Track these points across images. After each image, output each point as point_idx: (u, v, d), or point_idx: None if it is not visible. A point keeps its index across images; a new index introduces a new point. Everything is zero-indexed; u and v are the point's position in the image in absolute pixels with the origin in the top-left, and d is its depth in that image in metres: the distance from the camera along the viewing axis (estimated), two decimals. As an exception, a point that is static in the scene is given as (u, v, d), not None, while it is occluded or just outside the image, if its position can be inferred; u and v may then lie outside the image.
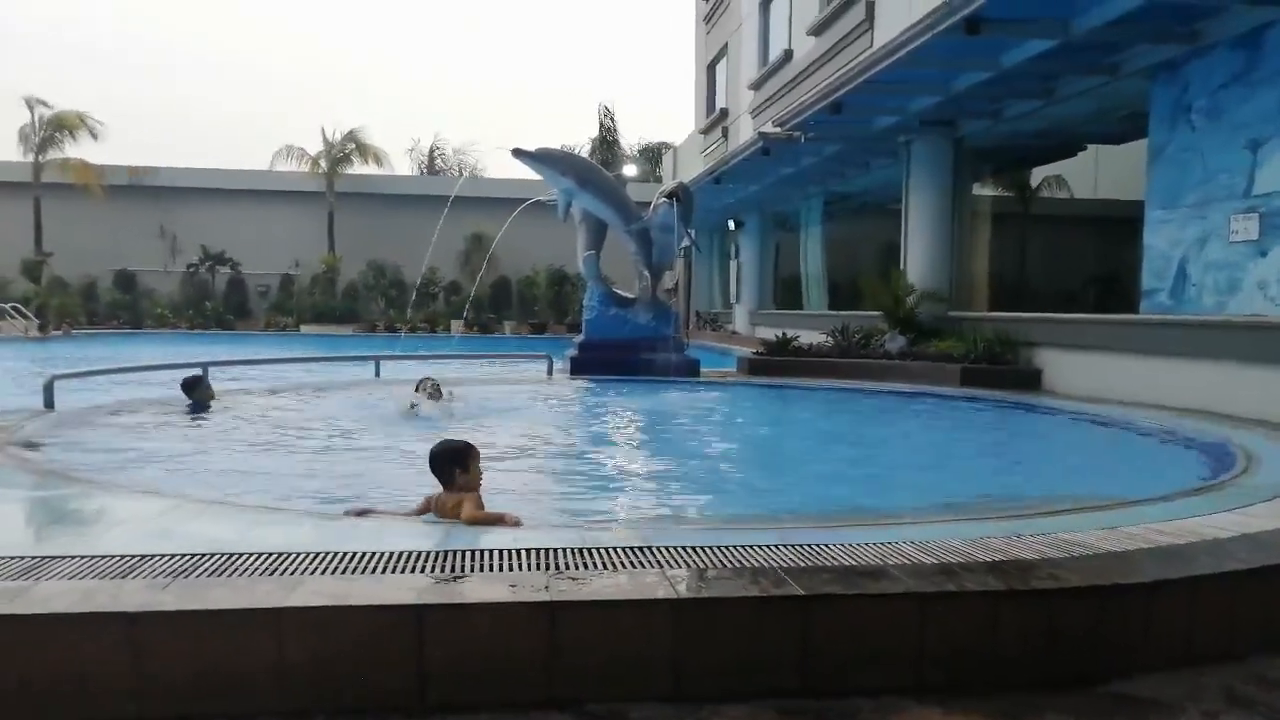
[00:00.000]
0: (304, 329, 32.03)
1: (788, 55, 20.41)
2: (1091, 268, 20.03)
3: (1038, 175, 20.48)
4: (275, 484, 5.74)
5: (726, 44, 26.55)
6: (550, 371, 13.13)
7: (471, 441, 4.51)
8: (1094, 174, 18.58)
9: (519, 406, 10.36)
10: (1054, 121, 13.70)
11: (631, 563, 3.19)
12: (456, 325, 31.07)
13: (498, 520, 4.09)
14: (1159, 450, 7.48)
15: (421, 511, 4.32)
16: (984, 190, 17.37)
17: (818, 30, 18.03)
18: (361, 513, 4.32)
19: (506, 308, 34.78)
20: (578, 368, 13.13)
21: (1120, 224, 15.59)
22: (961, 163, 14.76)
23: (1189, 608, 3.18)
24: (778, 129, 16.44)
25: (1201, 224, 9.64)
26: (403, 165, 42.23)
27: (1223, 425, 7.77)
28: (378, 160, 35.62)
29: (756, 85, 22.55)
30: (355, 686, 2.67)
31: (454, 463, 4.33)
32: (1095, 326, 11.32)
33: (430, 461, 4.39)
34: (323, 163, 34.57)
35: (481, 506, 4.25)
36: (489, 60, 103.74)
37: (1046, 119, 13.49)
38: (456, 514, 4.14)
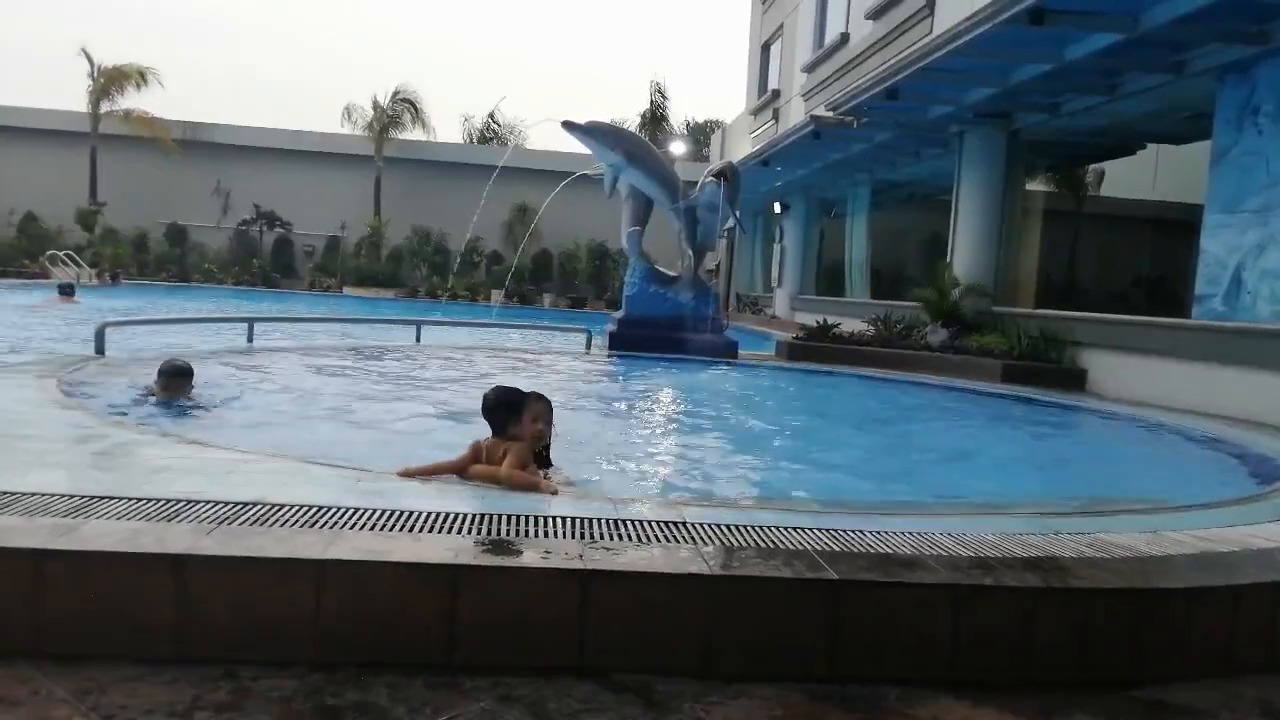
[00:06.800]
0: (347, 291, 32.35)
1: (844, 38, 20.14)
2: (1142, 270, 19.64)
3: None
4: (323, 438, 5.82)
5: (782, 25, 26.26)
6: (589, 346, 13.16)
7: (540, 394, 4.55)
8: (1153, 174, 18.16)
9: (557, 379, 10.39)
10: (1114, 119, 13.40)
11: (665, 537, 3.20)
12: (497, 295, 31.19)
13: (533, 484, 4.10)
14: (1205, 457, 7.34)
15: (472, 459, 4.33)
16: (1036, 185, 17.07)
17: (876, 14, 17.76)
18: (413, 470, 4.33)
19: (547, 280, 34.85)
20: (616, 343, 13.13)
21: (1176, 226, 15.26)
22: (1015, 156, 14.50)
23: (1230, 616, 3.12)
24: (830, 113, 16.27)
25: (1262, 230, 9.40)
26: (455, 132, 42.42)
27: (1275, 436, 7.61)
28: (423, 125, 35.76)
29: (810, 68, 22.30)
30: (386, 642, 2.70)
31: (507, 411, 4.36)
32: (1145, 329, 11.10)
33: (483, 407, 4.42)
34: (374, 125, 34.76)
35: (527, 463, 4.27)
36: (542, 34, 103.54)
37: (1106, 116, 13.19)
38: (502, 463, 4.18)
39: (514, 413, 4.37)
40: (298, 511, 3.16)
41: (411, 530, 3.06)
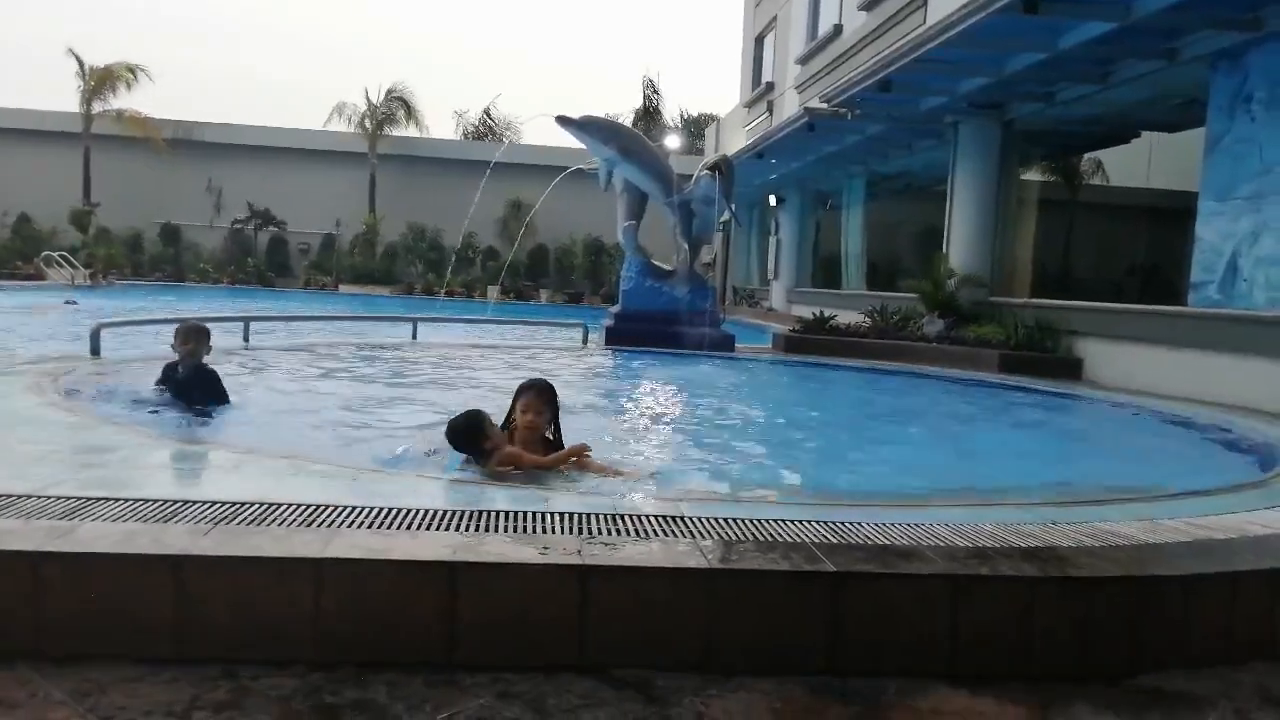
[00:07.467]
0: (343, 289, 32.32)
1: (837, 30, 20.13)
2: (1137, 258, 19.66)
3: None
4: (319, 436, 5.80)
5: (775, 17, 26.24)
6: (585, 340, 13.15)
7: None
8: (1147, 163, 18.17)
9: (554, 374, 10.38)
10: (1108, 107, 13.40)
11: (663, 531, 3.19)
12: (493, 291, 31.17)
13: (573, 452, 4.16)
14: (1202, 445, 7.35)
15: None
16: (1031, 175, 17.07)
17: (869, 5, 17.76)
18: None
19: (543, 275, 34.84)
20: (612, 338, 13.12)
21: (1171, 215, 15.27)
22: (1009, 146, 14.50)
23: (1228, 603, 3.12)
24: (824, 105, 16.25)
25: (1255, 217, 9.41)
26: (452, 129, 42.38)
27: (1271, 423, 7.62)
28: (417, 122, 35.70)
29: (804, 60, 22.27)
30: (385, 640, 2.70)
31: (477, 433, 4.38)
32: (1140, 318, 11.10)
33: (454, 445, 4.43)
34: (367, 123, 34.70)
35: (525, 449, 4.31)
36: (542, 34, 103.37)
37: (1100, 104, 13.20)
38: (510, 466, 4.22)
39: (482, 434, 4.40)
40: (294, 510, 3.16)
41: (409, 528, 3.05)
